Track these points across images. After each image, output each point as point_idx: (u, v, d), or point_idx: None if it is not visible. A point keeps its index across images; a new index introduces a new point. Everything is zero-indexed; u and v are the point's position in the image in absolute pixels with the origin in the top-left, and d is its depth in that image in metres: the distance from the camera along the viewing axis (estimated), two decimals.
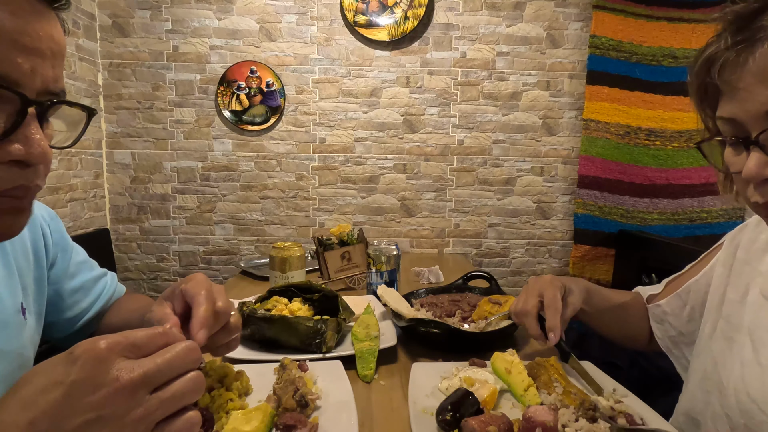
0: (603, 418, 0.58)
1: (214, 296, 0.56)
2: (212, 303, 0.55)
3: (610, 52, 2.09)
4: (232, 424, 0.54)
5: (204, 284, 0.57)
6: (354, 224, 2.20)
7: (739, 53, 0.45)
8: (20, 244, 0.64)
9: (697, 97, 0.54)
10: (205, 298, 0.55)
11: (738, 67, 0.45)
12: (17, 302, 0.60)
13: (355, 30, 2.08)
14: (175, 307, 0.58)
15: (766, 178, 0.45)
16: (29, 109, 0.39)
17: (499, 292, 1.07)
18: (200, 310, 0.54)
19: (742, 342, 0.60)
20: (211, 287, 0.57)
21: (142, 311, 0.71)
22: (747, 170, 0.45)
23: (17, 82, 0.38)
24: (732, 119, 0.47)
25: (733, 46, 0.45)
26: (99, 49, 2.08)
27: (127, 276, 2.21)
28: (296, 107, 2.15)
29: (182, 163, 2.16)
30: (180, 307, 0.58)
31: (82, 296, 0.75)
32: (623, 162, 2.14)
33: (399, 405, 0.68)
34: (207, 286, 0.57)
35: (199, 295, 0.55)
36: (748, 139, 0.45)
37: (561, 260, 2.27)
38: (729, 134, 0.49)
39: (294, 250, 1.22)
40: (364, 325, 0.88)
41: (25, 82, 0.39)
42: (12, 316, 0.59)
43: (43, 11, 0.41)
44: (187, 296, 0.56)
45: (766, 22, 0.43)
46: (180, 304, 0.58)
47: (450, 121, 2.18)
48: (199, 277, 0.59)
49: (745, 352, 0.58)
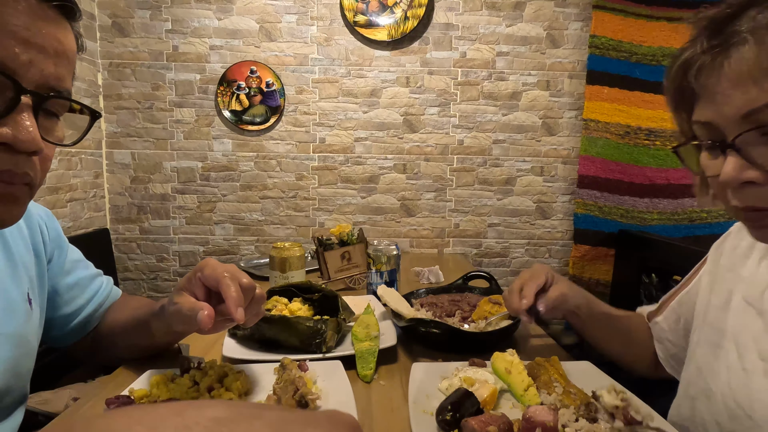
0: (602, 416, 0.58)
1: (237, 275, 0.59)
2: (237, 282, 0.58)
3: (610, 52, 2.09)
4: None
5: (222, 267, 0.60)
6: (354, 224, 2.20)
7: (714, 57, 0.45)
8: (21, 239, 0.65)
9: (672, 101, 0.54)
10: (231, 279, 0.58)
11: (714, 71, 0.45)
12: (24, 291, 0.62)
13: (355, 30, 2.08)
14: (197, 295, 0.60)
15: (743, 182, 0.45)
16: (22, 98, 0.41)
17: (499, 292, 1.07)
18: (231, 291, 0.57)
19: (727, 348, 0.60)
20: (229, 269, 0.60)
21: (148, 307, 0.72)
22: (724, 174, 0.45)
23: (14, 71, 0.40)
24: (708, 123, 0.47)
25: (709, 50, 0.45)
26: (99, 49, 2.08)
27: (127, 276, 2.21)
28: (296, 107, 2.15)
29: (182, 163, 2.16)
30: (201, 293, 0.60)
31: (79, 293, 0.76)
32: (623, 162, 2.14)
33: (399, 405, 0.68)
34: (226, 268, 0.60)
35: (224, 277, 0.58)
36: (725, 143, 0.45)
37: (561, 260, 2.27)
38: (705, 138, 0.49)
39: (294, 250, 1.22)
40: (364, 325, 0.88)
41: (22, 73, 0.41)
42: (19, 303, 0.60)
43: (54, 17, 0.44)
44: (208, 282, 0.59)
45: (740, 27, 0.43)
46: (201, 290, 0.60)
47: (450, 121, 2.18)
48: (212, 262, 0.61)
49: (731, 357, 0.58)
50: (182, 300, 0.59)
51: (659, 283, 1.84)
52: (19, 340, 0.59)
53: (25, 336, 0.61)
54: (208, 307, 0.56)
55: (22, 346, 0.60)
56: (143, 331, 0.72)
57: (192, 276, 0.61)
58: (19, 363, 0.60)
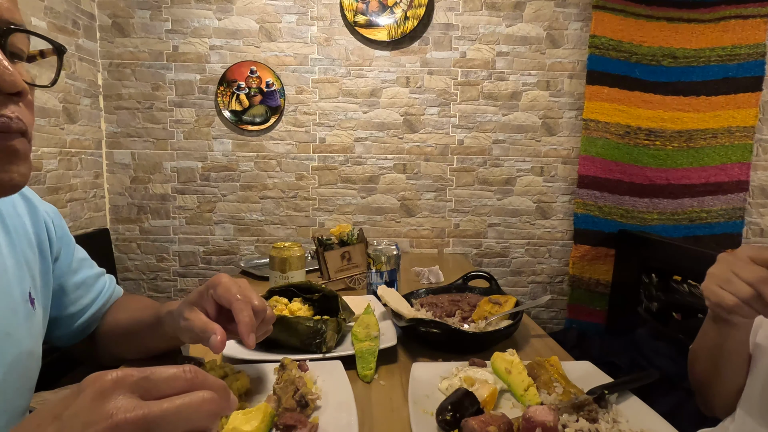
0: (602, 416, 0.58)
1: (249, 297, 0.59)
2: (250, 305, 0.58)
3: (610, 52, 2.09)
4: (232, 424, 0.54)
5: (235, 287, 0.60)
6: (354, 224, 2.20)
7: None
8: (25, 236, 0.64)
9: None
10: (244, 303, 0.58)
11: None
12: (25, 290, 0.61)
13: (355, 30, 2.08)
14: (208, 311, 0.60)
15: None
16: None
17: (499, 292, 1.07)
18: (243, 316, 0.57)
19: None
20: (243, 289, 0.60)
21: (151, 310, 0.72)
22: None
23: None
24: None
25: None
26: (99, 49, 2.07)
27: (127, 276, 2.21)
28: (296, 107, 2.15)
29: (182, 163, 2.16)
30: (213, 310, 0.60)
31: (84, 292, 0.75)
32: (623, 162, 2.14)
33: (399, 405, 0.68)
34: (238, 289, 0.59)
35: (237, 301, 0.58)
36: None
37: (561, 260, 2.27)
38: None
39: (294, 250, 1.22)
40: (364, 325, 0.88)
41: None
42: (20, 303, 0.59)
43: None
44: (222, 301, 0.59)
45: None
46: (213, 307, 0.60)
47: (450, 121, 2.18)
48: (225, 280, 0.61)
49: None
50: (194, 317, 0.59)
51: (659, 283, 1.84)
52: (20, 341, 0.59)
53: (27, 336, 0.60)
54: (220, 331, 0.56)
55: (24, 345, 0.59)
56: (145, 334, 0.72)
57: (204, 292, 0.61)
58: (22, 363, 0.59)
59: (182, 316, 0.60)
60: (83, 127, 1.97)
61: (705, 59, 2.10)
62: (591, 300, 2.20)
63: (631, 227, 2.16)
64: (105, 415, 0.28)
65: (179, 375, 0.32)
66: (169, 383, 0.31)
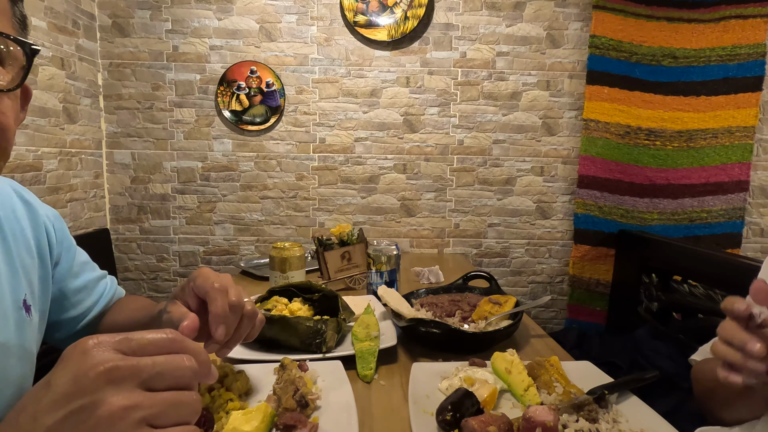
0: (602, 416, 0.58)
1: (226, 289, 0.57)
2: (225, 297, 0.57)
3: (610, 52, 2.09)
4: (232, 424, 0.54)
5: (213, 277, 0.58)
6: (354, 224, 2.20)
7: None
8: (24, 241, 0.63)
9: None
10: (219, 293, 0.56)
11: None
12: (19, 298, 0.60)
13: (355, 30, 2.08)
14: (190, 304, 0.59)
15: None
16: None
17: (499, 292, 1.07)
18: (215, 305, 0.55)
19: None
20: (221, 280, 0.58)
21: (148, 310, 0.71)
22: None
23: None
24: None
25: None
26: (99, 49, 2.08)
27: (127, 276, 2.21)
28: (296, 107, 2.15)
29: (182, 163, 2.16)
30: (194, 303, 0.59)
31: (86, 296, 0.75)
32: (623, 162, 2.14)
33: (399, 405, 0.68)
34: (216, 280, 0.58)
35: (213, 290, 0.56)
36: None
37: (561, 260, 2.27)
38: None
39: (294, 250, 1.22)
40: (364, 325, 0.88)
41: None
42: (12, 311, 0.58)
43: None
44: (199, 293, 0.58)
45: None
46: (194, 300, 0.59)
47: (450, 121, 2.18)
48: (205, 272, 0.60)
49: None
50: (174, 309, 0.58)
51: (659, 283, 1.84)
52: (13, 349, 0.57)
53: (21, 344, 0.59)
54: (192, 317, 0.54)
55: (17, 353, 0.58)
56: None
57: (186, 285, 0.60)
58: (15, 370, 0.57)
59: (165, 310, 0.60)
60: (83, 127, 1.97)
61: (705, 59, 2.10)
62: (591, 300, 2.21)
63: (631, 227, 2.16)
64: (95, 364, 0.30)
65: (160, 336, 0.34)
66: (152, 343, 0.33)
